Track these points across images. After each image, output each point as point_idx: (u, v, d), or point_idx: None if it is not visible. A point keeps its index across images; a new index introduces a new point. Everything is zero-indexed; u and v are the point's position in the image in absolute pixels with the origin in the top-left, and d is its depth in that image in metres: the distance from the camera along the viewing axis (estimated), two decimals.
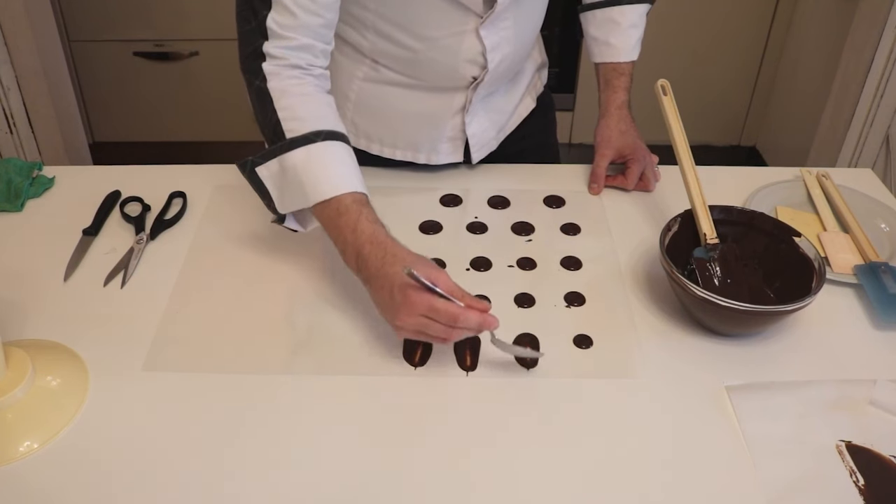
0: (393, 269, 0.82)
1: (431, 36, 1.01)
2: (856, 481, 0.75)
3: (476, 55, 1.04)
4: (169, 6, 2.56)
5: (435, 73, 1.06)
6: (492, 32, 1.02)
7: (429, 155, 1.17)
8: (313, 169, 0.87)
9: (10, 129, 2.11)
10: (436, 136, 1.15)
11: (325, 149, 0.88)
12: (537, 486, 0.75)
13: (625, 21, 1.16)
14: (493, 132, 1.19)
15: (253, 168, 0.91)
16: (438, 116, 1.13)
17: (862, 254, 1.03)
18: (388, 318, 0.83)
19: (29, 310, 0.93)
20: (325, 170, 0.87)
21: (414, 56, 1.03)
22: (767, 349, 0.90)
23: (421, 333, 0.81)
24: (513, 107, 1.21)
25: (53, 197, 1.14)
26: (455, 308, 0.79)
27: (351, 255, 0.86)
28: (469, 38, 1.02)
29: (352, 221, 0.85)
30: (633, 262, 1.03)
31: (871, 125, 2.17)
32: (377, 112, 1.13)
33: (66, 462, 0.76)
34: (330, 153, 0.88)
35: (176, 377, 0.85)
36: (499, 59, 1.06)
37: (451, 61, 1.04)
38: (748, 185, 1.17)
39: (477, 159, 1.19)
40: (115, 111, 2.77)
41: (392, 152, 1.17)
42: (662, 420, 0.82)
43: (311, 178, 0.87)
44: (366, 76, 1.09)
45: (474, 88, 1.09)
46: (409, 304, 0.79)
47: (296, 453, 0.77)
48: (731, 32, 2.66)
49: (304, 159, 0.87)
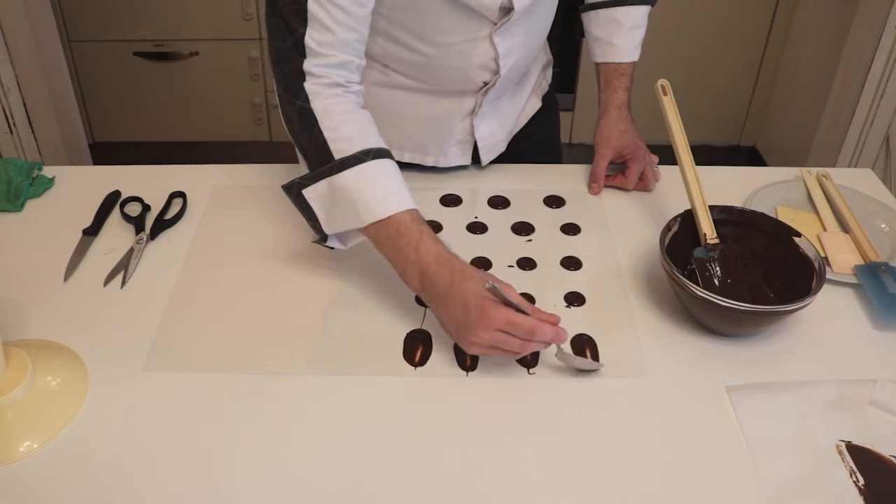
0: (464, 285, 0.81)
1: (445, 42, 1.01)
2: (856, 481, 0.75)
3: (489, 61, 1.04)
4: (169, 6, 2.56)
5: (446, 78, 1.06)
6: (505, 39, 1.02)
7: (437, 158, 1.17)
8: (366, 188, 0.85)
9: (10, 129, 2.11)
10: (445, 140, 1.15)
11: (375, 168, 0.86)
12: (537, 486, 0.75)
13: (627, 21, 1.16)
14: (503, 135, 1.19)
15: (300, 191, 0.89)
16: (447, 120, 1.13)
17: (862, 254, 1.03)
18: (462, 335, 0.82)
19: (29, 310, 0.93)
20: (378, 189, 0.86)
21: (427, 61, 1.03)
22: (767, 349, 0.90)
23: (495, 348, 0.81)
24: (520, 108, 1.22)
25: (53, 197, 1.14)
26: (532, 322, 0.79)
27: (414, 275, 0.84)
28: (482, 44, 1.02)
29: (413, 241, 0.84)
30: (633, 262, 1.03)
31: (871, 125, 2.17)
32: (385, 115, 1.11)
33: (66, 462, 0.76)
34: (381, 172, 0.87)
35: (176, 377, 0.85)
36: (510, 65, 1.06)
37: (463, 67, 1.04)
38: (748, 185, 1.17)
39: (486, 161, 1.19)
40: (115, 111, 2.77)
41: (400, 154, 1.16)
42: (662, 420, 0.82)
43: (363, 199, 0.85)
44: (375, 80, 1.09)
45: (485, 93, 1.09)
46: (486, 319, 0.78)
47: (296, 453, 0.77)
48: (731, 32, 2.66)
49: (356, 179, 0.86)
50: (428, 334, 0.91)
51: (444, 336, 0.90)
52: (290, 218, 1.09)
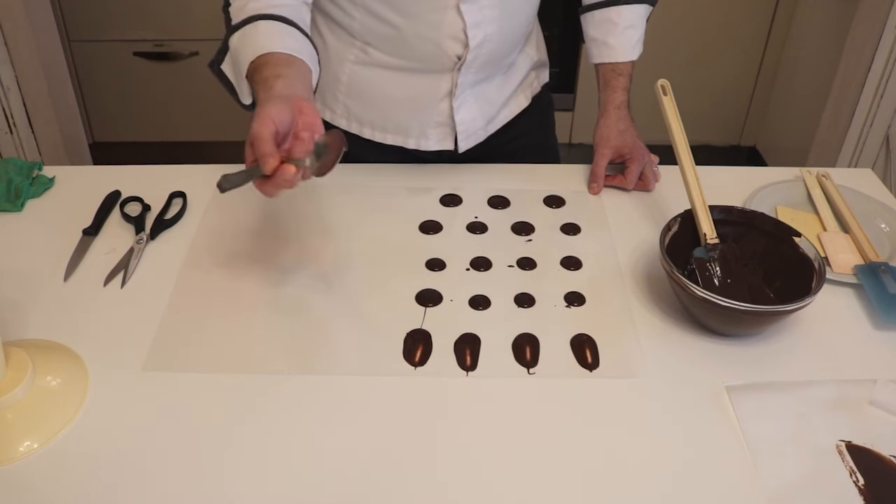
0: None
1: (413, 11, 1.04)
2: (856, 481, 0.75)
3: (457, 31, 1.06)
4: (169, 6, 2.56)
5: (420, 50, 1.08)
6: (473, 10, 1.04)
7: (418, 140, 1.19)
8: (244, 44, 0.91)
9: (10, 129, 2.11)
10: (424, 121, 1.17)
11: (256, 26, 0.92)
12: (537, 486, 0.75)
13: (622, 21, 1.17)
14: (482, 122, 1.20)
15: (219, 67, 0.97)
16: (426, 100, 1.15)
17: (862, 254, 1.03)
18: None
19: (29, 310, 0.93)
20: (252, 39, 0.91)
21: (398, 33, 1.06)
22: (767, 349, 0.90)
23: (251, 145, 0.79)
24: (504, 99, 1.22)
25: (53, 197, 1.14)
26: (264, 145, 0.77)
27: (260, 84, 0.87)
28: (450, 13, 1.04)
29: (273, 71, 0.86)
30: (633, 262, 1.03)
31: (871, 125, 2.17)
32: (367, 95, 1.15)
33: (66, 462, 0.76)
34: (262, 28, 0.91)
35: (176, 377, 0.85)
36: (481, 38, 1.07)
37: (433, 37, 1.06)
38: (748, 185, 1.17)
39: (463, 148, 1.20)
40: (115, 111, 2.77)
41: (383, 136, 1.19)
42: (662, 420, 0.82)
43: (244, 54, 0.90)
44: (356, 59, 1.12)
45: (459, 70, 1.10)
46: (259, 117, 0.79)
47: (295, 453, 0.77)
48: (731, 32, 2.66)
49: (239, 38, 0.92)
50: (428, 334, 0.91)
51: (444, 336, 0.90)
52: (290, 218, 1.09)
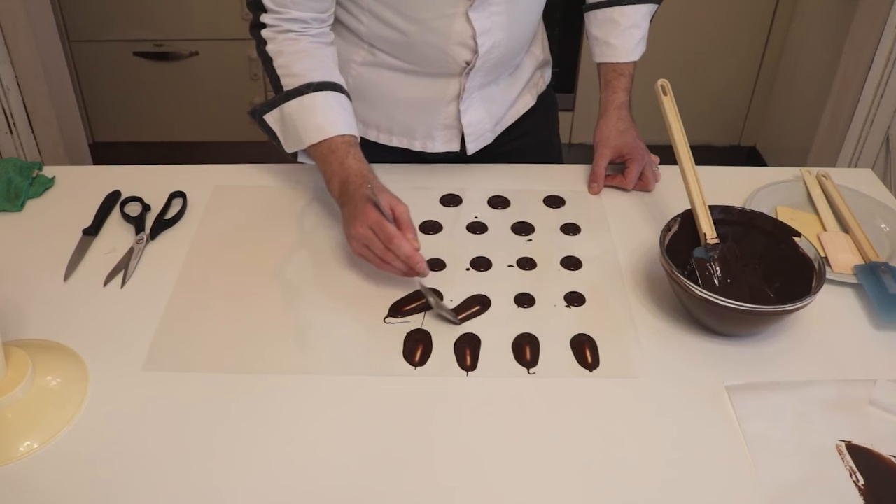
0: (360, 192, 0.95)
1: (422, 18, 1.04)
2: (856, 481, 0.75)
3: (466, 38, 1.06)
4: (169, 6, 2.56)
5: (428, 56, 1.08)
6: (482, 16, 1.04)
7: (424, 142, 1.19)
8: (305, 116, 1.02)
9: (10, 129, 2.11)
10: (431, 123, 1.16)
11: (314, 99, 1.02)
12: (537, 486, 0.75)
13: (625, 21, 1.17)
14: (490, 124, 1.20)
15: (261, 116, 1.07)
16: (433, 103, 1.14)
17: (862, 254, 1.03)
18: (346, 228, 0.96)
19: (29, 310, 0.93)
20: (314, 117, 1.01)
21: (406, 39, 1.06)
22: (767, 349, 0.90)
23: (366, 248, 0.93)
24: (511, 100, 1.22)
25: (53, 197, 1.14)
26: (394, 231, 0.91)
27: (335, 184, 1.00)
28: (459, 21, 1.04)
29: (340, 157, 1.00)
30: (633, 262, 1.03)
31: (871, 125, 2.17)
32: (374, 97, 1.16)
33: (66, 462, 0.76)
34: (319, 102, 1.02)
35: (176, 377, 0.85)
36: (490, 45, 1.07)
37: (442, 45, 1.06)
38: (748, 185, 1.17)
39: (472, 150, 1.19)
40: (115, 111, 2.77)
41: (388, 138, 1.19)
42: (662, 420, 0.82)
43: (303, 125, 1.02)
44: (364, 60, 1.12)
45: (467, 74, 1.10)
46: (364, 216, 0.93)
47: (296, 453, 0.77)
48: (731, 32, 2.66)
49: (298, 108, 1.02)
50: (428, 334, 0.91)
51: (444, 336, 0.90)
52: (290, 218, 1.09)
